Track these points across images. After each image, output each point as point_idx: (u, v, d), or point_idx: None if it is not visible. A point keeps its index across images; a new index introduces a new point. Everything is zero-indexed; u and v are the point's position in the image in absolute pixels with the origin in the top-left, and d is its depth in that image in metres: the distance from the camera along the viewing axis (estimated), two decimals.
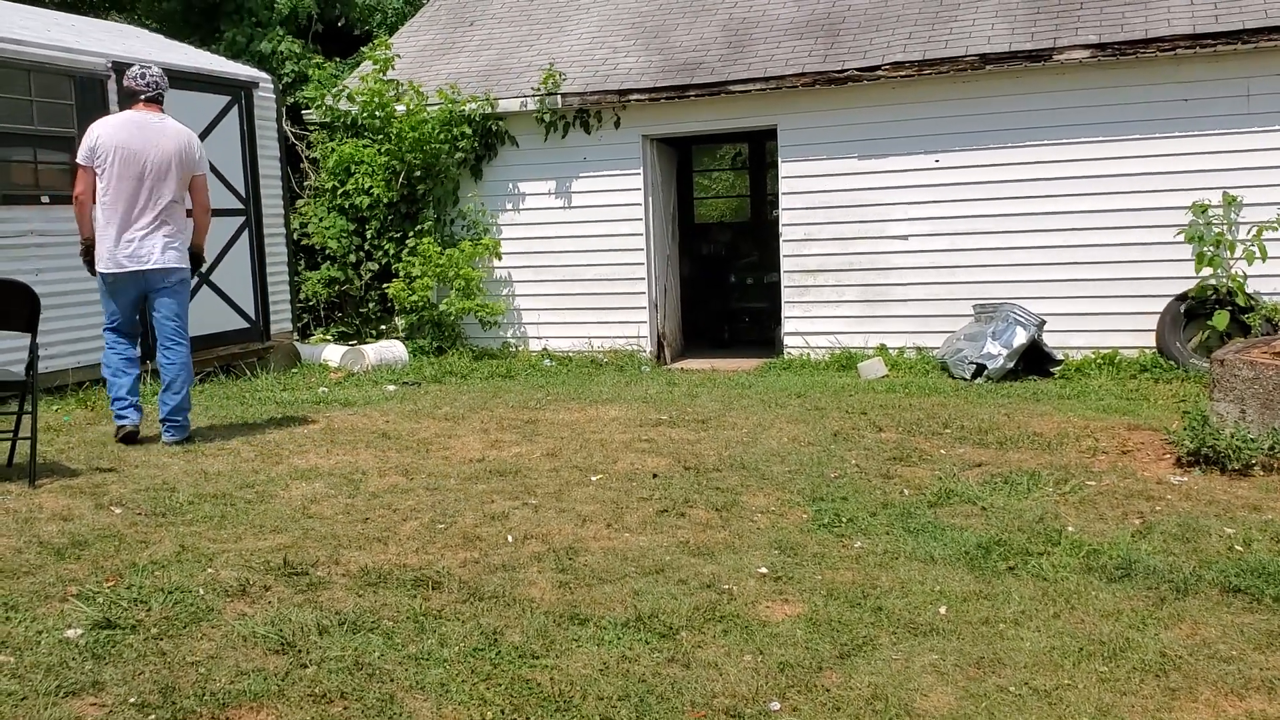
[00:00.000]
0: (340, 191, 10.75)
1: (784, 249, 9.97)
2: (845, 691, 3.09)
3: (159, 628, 3.49)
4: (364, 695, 3.05)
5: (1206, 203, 8.49)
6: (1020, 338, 8.43)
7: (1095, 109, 8.86)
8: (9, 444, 5.56)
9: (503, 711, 2.97)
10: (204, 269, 6.49)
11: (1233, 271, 8.36)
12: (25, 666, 3.18)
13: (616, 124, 10.32)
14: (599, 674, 3.19)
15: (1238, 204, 8.44)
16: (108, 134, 6.04)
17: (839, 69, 9.34)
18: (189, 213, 6.37)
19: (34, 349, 5.39)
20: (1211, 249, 8.36)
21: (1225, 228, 8.46)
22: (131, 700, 2.99)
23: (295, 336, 10.17)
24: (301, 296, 10.82)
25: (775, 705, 3.02)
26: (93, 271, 6.19)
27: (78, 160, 6.12)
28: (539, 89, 10.33)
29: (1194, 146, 8.63)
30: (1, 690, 3.02)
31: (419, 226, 10.62)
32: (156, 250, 6.08)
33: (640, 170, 10.31)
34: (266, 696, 3.03)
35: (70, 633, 3.41)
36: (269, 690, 3.06)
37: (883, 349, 9.56)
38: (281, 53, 14.27)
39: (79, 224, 6.15)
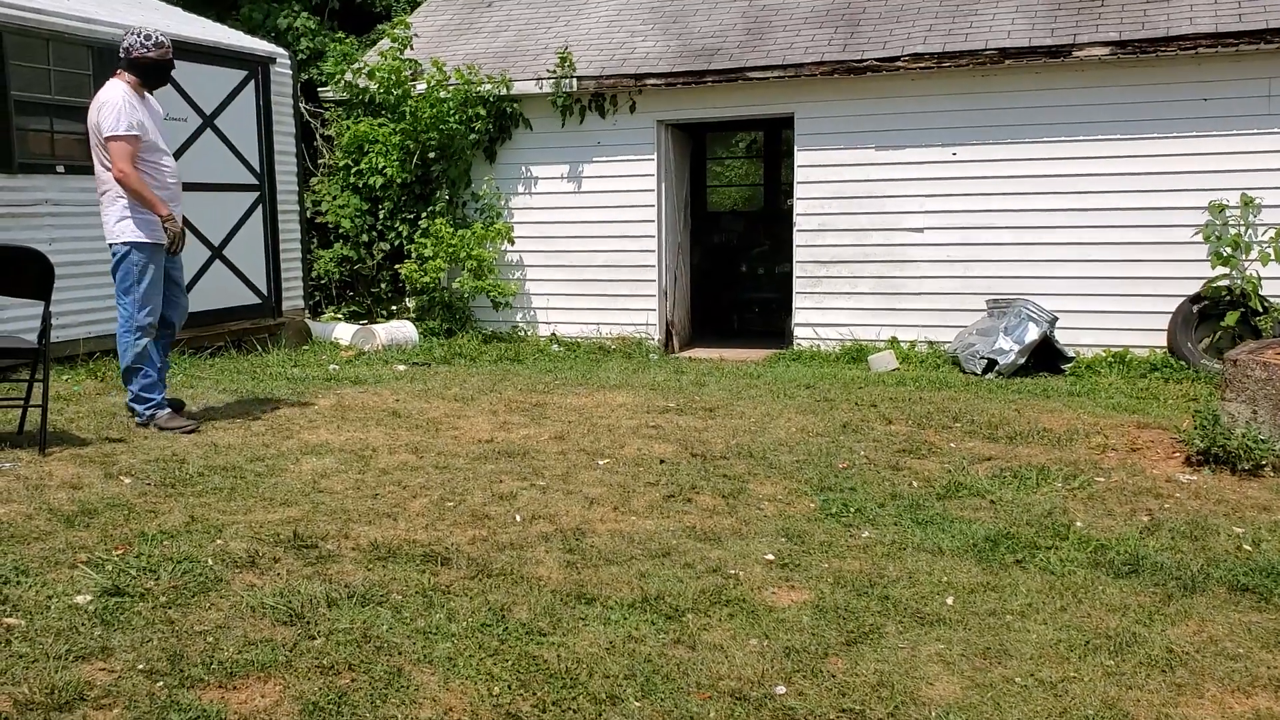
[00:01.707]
0: (354, 170, 10.74)
1: (797, 239, 9.94)
2: (851, 678, 3.10)
3: (168, 596, 3.50)
4: (371, 668, 3.06)
5: (1224, 203, 8.45)
6: (1032, 334, 8.40)
7: (1114, 106, 8.80)
8: (20, 411, 5.59)
9: (509, 686, 2.98)
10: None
11: (1247, 273, 8.33)
12: (36, 630, 3.20)
13: (632, 108, 10.29)
14: (605, 653, 3.20)
15: (1255, 205, 8.39)
16: None
17: (858, 59, 9.30)
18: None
19: (47, 317, 5.39)
20: (1228, 249, 8.32)
21: (1242, 229, 8.42)
22: (140, 667, 3.01)
23: (307, 314, 10.18)
24: (314, 274, 10.82)
25: (781, 689, 3.02)
26: None
27: None
28: (554, 71, 10.30)
29: (1212, 146, 8.57)
30: (13, 653, 3.04)
31: (432, 207, 10.61)
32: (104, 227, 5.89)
33: (654, 156, 10.27)
34: (274, 667, 3.04)
35: (80, 599, 3.43)
36: (276, 661, 3.07)
37: (894, 342, 9.53)
38: (297, 29, 14.25)
39: None
